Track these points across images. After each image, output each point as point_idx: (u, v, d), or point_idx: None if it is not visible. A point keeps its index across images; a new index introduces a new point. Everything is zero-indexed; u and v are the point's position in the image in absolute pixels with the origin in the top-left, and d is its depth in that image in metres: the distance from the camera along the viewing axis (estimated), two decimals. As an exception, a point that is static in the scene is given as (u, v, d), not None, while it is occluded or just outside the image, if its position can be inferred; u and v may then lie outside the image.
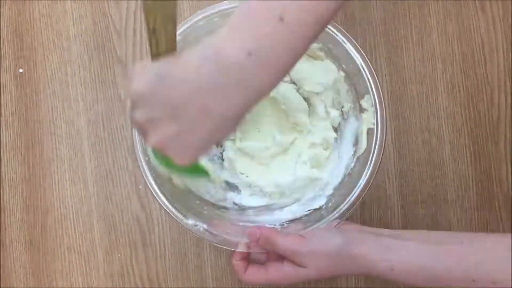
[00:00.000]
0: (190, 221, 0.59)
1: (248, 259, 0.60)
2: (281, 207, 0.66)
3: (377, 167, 0.59)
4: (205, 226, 0.60)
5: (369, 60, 0.60)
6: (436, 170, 0.70)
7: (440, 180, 0.70)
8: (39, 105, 0.72)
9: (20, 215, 0.71)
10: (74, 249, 0.71)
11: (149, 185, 0.60)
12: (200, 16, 0.60)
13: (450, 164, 0.70)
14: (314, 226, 0.59)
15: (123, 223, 0.71)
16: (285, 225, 0.62)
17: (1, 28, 0.72)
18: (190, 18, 0.60)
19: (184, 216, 0.59)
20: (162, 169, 0.59)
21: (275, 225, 0.62)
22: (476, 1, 0.71)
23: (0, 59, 0.72)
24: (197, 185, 0.66)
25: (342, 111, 0.66)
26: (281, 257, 0.58)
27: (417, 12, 0.71)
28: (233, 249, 0.59)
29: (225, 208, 0.67)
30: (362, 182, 0.60)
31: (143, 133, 0.47)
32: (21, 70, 0.72)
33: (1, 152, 0.71)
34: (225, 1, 0.60)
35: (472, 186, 0.70)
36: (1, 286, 0.70)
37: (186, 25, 0.60)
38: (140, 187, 0.71)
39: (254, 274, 0.58)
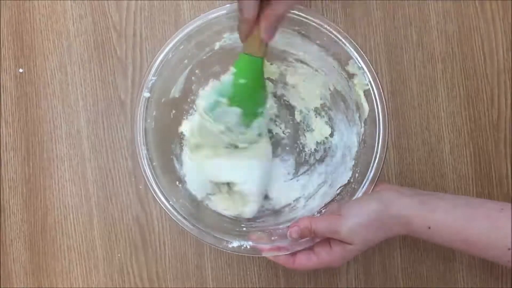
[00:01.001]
0: (235, 244, 0.59)
1: None
2: (309, 196, 0.66)
3: (387, 122, 0.59)
4: (250, 243, 0.58)
5: (369, 60, 0.60)
6: (436, 170, 0.70)
7: (440, 180, 0.70)
8: (39, 105, 0.72)
9: (20, 215, 0.71)
10: (74, 249, 0.71)
11: (172, 216, 0.59)
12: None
13: (450, 164, 0.70)
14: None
15: (123, 223, 0.71)
16: (323, 211, 0.62)
17: (1, 28, 0.72)
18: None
19: (227, 241, 0.59)
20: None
21: (313, 215, 0.62)
22: (476, 1, 0.71)
23: (0, 59, 0.72)
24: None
25: (330, 89, 0.67)
26: (327, 239, 0.57)
27: (417, 12, 0.71)
28: (287, 253, 0.57)
29: (260, 217, 0.66)
30: (379, 140, 0.59)
31: None
32: (21, 70, 0.72)
33: (1, 152, 0.71)
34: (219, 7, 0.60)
35: (472, 186, 0.70)
36: (1, 286, 0.70)
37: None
38: (140, 187, 0.71)
39: (304, 262, 0.57)
